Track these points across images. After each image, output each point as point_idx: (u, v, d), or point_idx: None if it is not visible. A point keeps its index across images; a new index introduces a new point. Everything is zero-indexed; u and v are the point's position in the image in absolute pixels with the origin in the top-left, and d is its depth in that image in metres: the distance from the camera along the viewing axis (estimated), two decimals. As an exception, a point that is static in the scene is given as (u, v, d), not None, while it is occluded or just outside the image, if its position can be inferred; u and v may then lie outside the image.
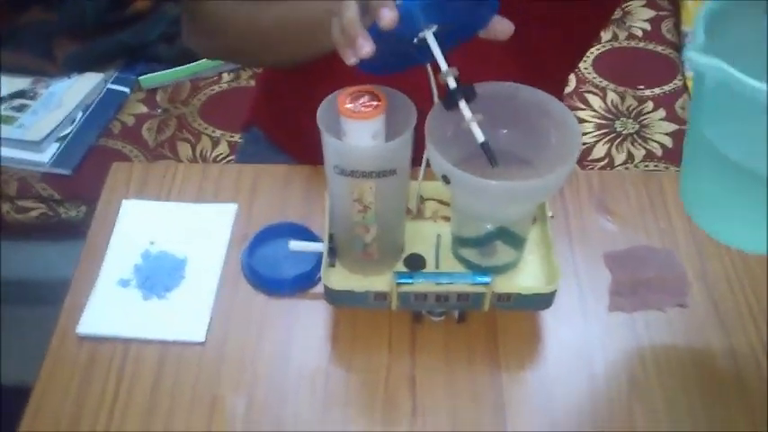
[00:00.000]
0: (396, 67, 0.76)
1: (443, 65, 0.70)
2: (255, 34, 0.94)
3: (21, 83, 1.75)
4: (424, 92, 0.75)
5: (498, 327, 0.87)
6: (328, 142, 0.72)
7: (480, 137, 0.70)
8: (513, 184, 0.72)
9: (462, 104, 0.70)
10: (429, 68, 0.75)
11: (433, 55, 0.70)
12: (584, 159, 1.61)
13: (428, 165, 0.78)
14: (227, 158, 1.65)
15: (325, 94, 0.74)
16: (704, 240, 0.95)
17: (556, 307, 0.84)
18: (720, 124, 0.68)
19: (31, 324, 1.27)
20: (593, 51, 1.86)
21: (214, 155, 1.66)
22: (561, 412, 0.81)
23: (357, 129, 0.71)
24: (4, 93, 1.72)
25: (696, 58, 0.66)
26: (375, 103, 0.71)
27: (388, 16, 0.65)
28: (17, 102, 1.70)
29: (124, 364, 0.84)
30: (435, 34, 0.70)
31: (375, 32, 0.68)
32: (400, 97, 0.74)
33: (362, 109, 0.71)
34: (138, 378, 0.83)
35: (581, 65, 1.81)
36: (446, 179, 0.73)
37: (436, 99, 0.75)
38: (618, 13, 1.93)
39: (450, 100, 0.71)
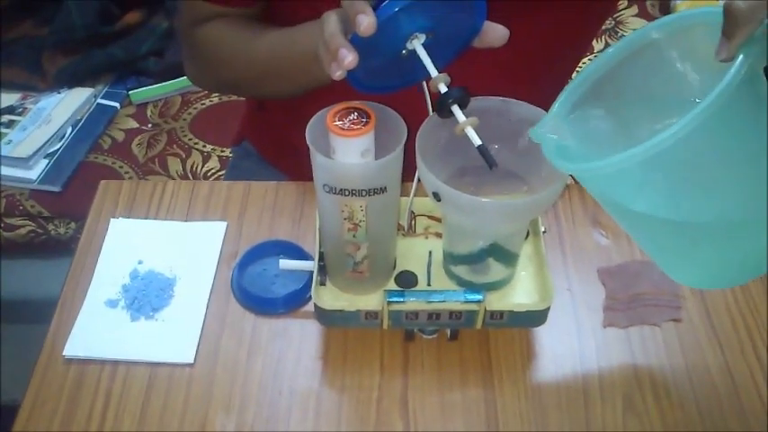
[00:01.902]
0: (391, 86, 0.75)
1: (433, 71, 0.69)
2: (251, 65, 0.92)
3: (9, 98, 1.73)
4: (418, 109, 0.74)
5: (491, 343, 0.86)
6: (317, 160, 0.71)
7: (476, 140, 0.68)
8: (504, 203, 0.71)
9: (455, 109, 0.69)
10: (425, 85, 0.74)
11: (427, 71, 0.69)
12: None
13: (420, 180, 0.76)
14: (218, 173, 1.64)
15: (316, 111, 0.73)
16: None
17: (549, 323, 0.83)
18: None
19: (19, 343, 1.25)
20: (585, 62, 1.86)
21: (205, 170, 1.64)
22: (555, 430, 0.80)
23: (346, 146, 0.70)
24: (-7, 109, 1.71)
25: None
26: (364, 119, 0.70)
27: (365, 21, 0.64)
28: (5, 117, 1.68)
29: (112, 386, 0.82)
30: (425, 47, 0.69)
31: (363, 46, 0.67)
32: (390, 113, 0.73)
33: (351, 126, 0.69)
34: (126, 401, 0.81)
35: (573, 75, 1.80)
36: (437, 196, 0.72)
37: (430, 114, 0.74)
38: (609, 23, 1.93)
39: (443, 106, 0.69)
